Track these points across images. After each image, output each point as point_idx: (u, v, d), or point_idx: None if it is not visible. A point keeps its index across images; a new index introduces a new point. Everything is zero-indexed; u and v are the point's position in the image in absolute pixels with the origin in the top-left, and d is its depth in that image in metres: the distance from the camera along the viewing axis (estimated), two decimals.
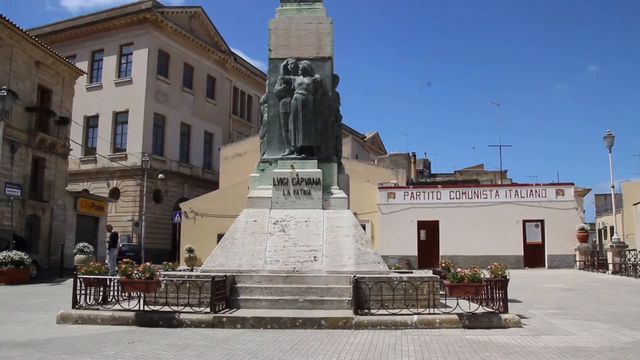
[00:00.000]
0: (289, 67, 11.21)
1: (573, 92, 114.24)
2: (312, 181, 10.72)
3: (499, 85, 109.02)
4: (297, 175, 10.73)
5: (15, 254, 18.22)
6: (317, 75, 11.13)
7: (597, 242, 44.91)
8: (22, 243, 21.49)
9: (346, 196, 11.00)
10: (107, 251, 23.82)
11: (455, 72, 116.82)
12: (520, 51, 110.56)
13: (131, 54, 39.86)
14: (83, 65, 37.43)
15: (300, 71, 11.11)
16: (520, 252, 28.16)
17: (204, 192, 38.54)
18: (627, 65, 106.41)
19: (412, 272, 12.29)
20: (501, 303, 8.54)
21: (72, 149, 32.49)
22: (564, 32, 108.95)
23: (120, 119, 39.51)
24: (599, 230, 48.13)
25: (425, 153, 57.37)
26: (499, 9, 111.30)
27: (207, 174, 44.40)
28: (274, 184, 10.81)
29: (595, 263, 26.08)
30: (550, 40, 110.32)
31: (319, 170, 10.80)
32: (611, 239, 25.37)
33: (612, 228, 31.18)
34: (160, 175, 36.05)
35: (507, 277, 8.87)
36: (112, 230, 23.12)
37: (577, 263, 27.09)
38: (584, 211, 30.41)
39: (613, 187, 27.09)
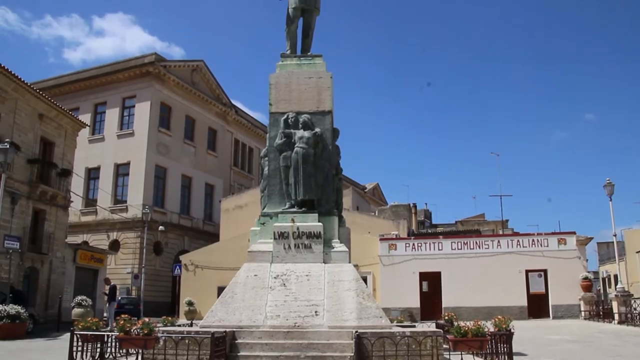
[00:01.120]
0: (289, 121, 11.30)
1: (572, 140, 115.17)
2: (313, 235, 10.66)
3: (498, 135, 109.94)
4: (297, 229, 10.68)
5: (12, 308, 17.99)
6: (317, 129, 11.21)
7: (602, 291, 44.48)
8: (19, 296, 21.24)
9: (347, 250, 10.92)
10: (107, 305, 23.52)
11: (454, 123, 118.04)
12: (518, 100, 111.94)
13: (133, 106, 40.35)
14: (86, 118, 37.87)
15: (300, 125, 11.19)
16: (524, 303, 27.80)
17: (204, 244, 38.36)
18: (623, 114, 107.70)
19: (414, 326, 12.10)
20: (506, 357, 8.37)
21: (72, 201, 32.50)
22: (558, 81, 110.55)
23: (121, 170, 39.69)
24: (603, 279, 47.75)
25: (426, 203, 57.40)
26: (494, 59, 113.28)
27: (208, 226, 44.28)
28: (275, 238, 10.75)
29: (601, 313, 25.71)
30: (546, 89, 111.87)
31: (320, 223, 10.75)
32: (616, 288, 25.11)
33: (615, 276, 30.89)
34: (161, 228, 35.97)
35: (512, 330, 8.73)
36: (111, 284, 22.88)
37: (582, 313, 26.71)
38: (587, 260, 30.22)
39: (615, 235, 26.98)
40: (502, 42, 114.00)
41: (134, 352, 8.79)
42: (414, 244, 29.64)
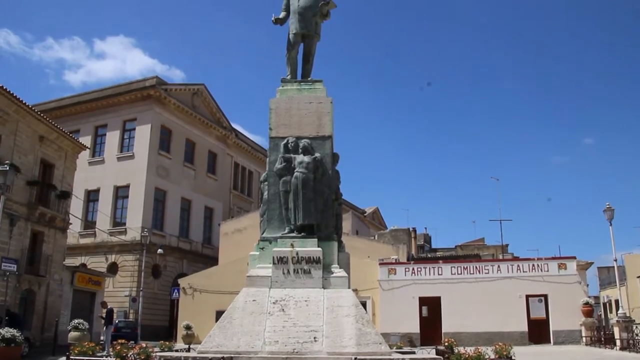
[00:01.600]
0: (289, 145, 11.32)
1: (571, 165, 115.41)
2: (312, 260, 10.60)
3: (497, 159, 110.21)
4: (297, 254, 10.62)
5: (7, 331, 17.81)
6: (317, 154, 11.22)
7: (603, 316, 44.20)
8: (15, 319, 21.06)
9: (346, 275, 10.85)
10: (104, 328, 23.31)
11: (454, 148, 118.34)
12: (517, 125, 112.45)
13: (134, 129, 40.48)
14: (86, 140, 37.95)
15: (300, 150, 11.21)
16: (525, 328, 27.60)
17: (203, 267, 38.18)
18: (621, 138, 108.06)
19: (414, 352, 11.99)
20: None
21: (71, 223, 32.44)
22: (557, 105, 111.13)
23: (121, 193, 39.67)
24: (604, 304, 47.47)
25: (425, 228, 57.33)
26: (493, 84, 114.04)
27: (207, 249, 44.12)
28: (274, 263, 10.68)
29: (602, 339, 25.51)
30: (545, 113, 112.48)
31: (319, 249, 10.70)
32: (617, 314, 24.94)
33: (617, 301, 30.70)
34: (160, 251, 35.84)
35: (513, 357, 8.65)
36: (108, 307, 22.69)
37: (583, 339, 26.50)
38: (588, 285, 30.10)
39: (615, 260, 26.89)
40: (501, 67, 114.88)
41: None
42: (413, 269, 29.51)
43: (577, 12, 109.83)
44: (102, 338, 21.43)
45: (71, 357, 8.90)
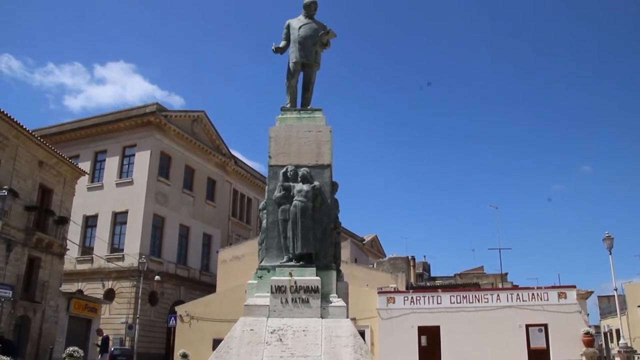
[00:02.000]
0: (288, 174, 11.32)
1: (569, 192, 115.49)
2: (310, 289, 10.52)
3: (496, 188, 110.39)
4: (295, 283, 10.55)
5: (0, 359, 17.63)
6: (316, 183, 11.21)
7: (604, 346, 43.82)
8: (9, 346, 20.81)
9: (345, 305, 10.76)
10: (99, 356, 23.07)
11: (452, 176, 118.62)
12: (514, 153, 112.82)
13: (133, 155, 40.54)
14: (86, 165, 38.00)
15: (299, 178, 11.20)
16: (525, 358, 27.25)
17: (200, 295, 37.87)
18: (620, 165, 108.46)
19: None
20: None
21: (69, 249, 32.30)
22: (554, 133, 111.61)
23: (119, 219, 39.54)
24: (605, 334, 47.10)
25: (424, 256, 57.13)
26: (491, 112, 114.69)
27: (205, 276, 43.85)
28: (272, 292, 10.60)
29: None
30: (542, 141, 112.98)
31: (318, 278, 10.63)
32: (618, 343, 24.72)
33: (618, 331, 30.46)
34: (157, 277, 35.60)
35: None
36: (104, 335, 22.48)
37: None
38: (588, 314, 29.85)
39: (616, 289, 26.81)
40: (498, 95, 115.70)
41: None
42: (412, 298, 29.29)
43: (575, 39, 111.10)
44: None
45: None
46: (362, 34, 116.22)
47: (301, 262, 10.83)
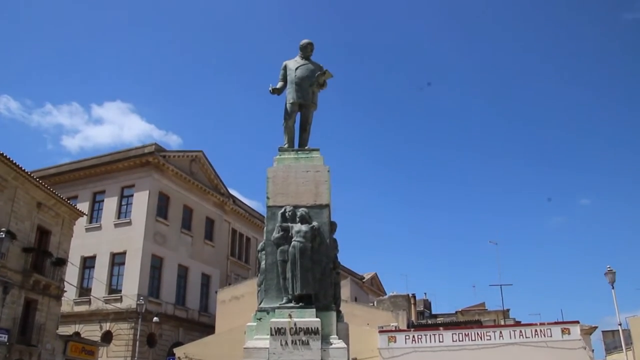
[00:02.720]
0: (286, 214, 11.32)
1: (568, 225, 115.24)
2: (310, 331, 10.42)
3: (494, 223, 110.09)
4: (295, 324, 10.45)
5: None
6: (314, 223, 11.21)
7: None
8: None
9: (345, 346, 10.65)
10: None
11: (451, 212, 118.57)
12: (513, 186, 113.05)
13: (132, 195, 40.47)
14: (84, 206, 37.93)
15: (298, 219, 11.21)
16: None
17: (199, 336, 37.37)
18: (618, 198, 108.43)
19: None
20: None
21: (66, 291, 32.00)
22: (552, 166, 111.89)
23: (117, 259, 39.24)
24: None
25: (425, 293, 56.64)
26: (488, 148, 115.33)
27: (204, 317, 43.35)
28: (271, 334, 10.49)
29: None
30: (540, 174, 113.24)
31: (318, 319, 10.53)
32: None
33: None
34: (155, 319, 35.18)
35: None
36: None
37: None
38: (593, 350, 29.46)
39: (620, 324, 26.53)
40: (495, 131, 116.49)
41: None
42: (414, 336, 28.92)
43: (571, 76, 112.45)
44: None
45: None
46: (358, 73, 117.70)
47: (301, 303, 10.75)
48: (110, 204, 40.93)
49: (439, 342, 28.44)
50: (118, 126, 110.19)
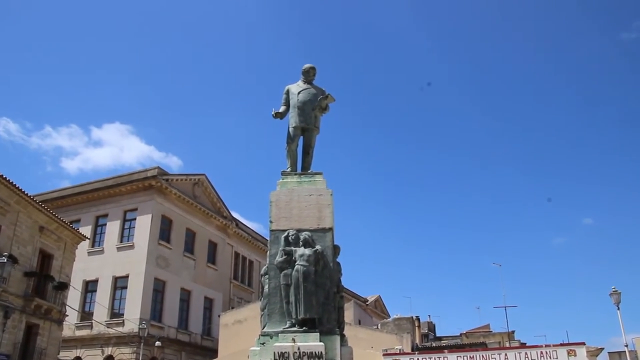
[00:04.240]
0: (290, 238, 11.32)
1: (571, 245, 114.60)
2: (314, 355, 10.34)
3: (498, 244, 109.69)
4: (298, 349, 10.38)
5: None
6: (318, 247, 11.20)
7: None
8: None
9: None
10: None
11: (454, 234, 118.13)
12: (514, 207, 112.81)
13: (134, 219, 40.48)
14: (87, 230, 37.90)
15: (301, 242, 11.20)
16: None
17: None
18: (622, 217, 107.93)
19: None
20: None
21: (67, 315, 31.87)
22: (554, 186, 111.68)
23: (119, 283, 39.12)
24: None
25: (429, 315, 56.19)
26: (490, 166, 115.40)
27: (206, 341, 43.07)
28: (275, 359, 10.43)
29: None
30: (542, 194, 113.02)
31: (322, 343, 10.47)
32: None
33: None
34: (158, 343, 34.96)
35: None
36: None
37: None
38: None
39: (627, 346, 26.25)
40: (496, 150, 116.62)
41: None
42: (418, 359, 28.64)
43: (570, 92, 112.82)
44: None
45: None
46: (361, 96, 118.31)
47: (304, 328, 10.70)
48: (112, 228, 40.92)
49: None
50: (118, 148, 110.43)
